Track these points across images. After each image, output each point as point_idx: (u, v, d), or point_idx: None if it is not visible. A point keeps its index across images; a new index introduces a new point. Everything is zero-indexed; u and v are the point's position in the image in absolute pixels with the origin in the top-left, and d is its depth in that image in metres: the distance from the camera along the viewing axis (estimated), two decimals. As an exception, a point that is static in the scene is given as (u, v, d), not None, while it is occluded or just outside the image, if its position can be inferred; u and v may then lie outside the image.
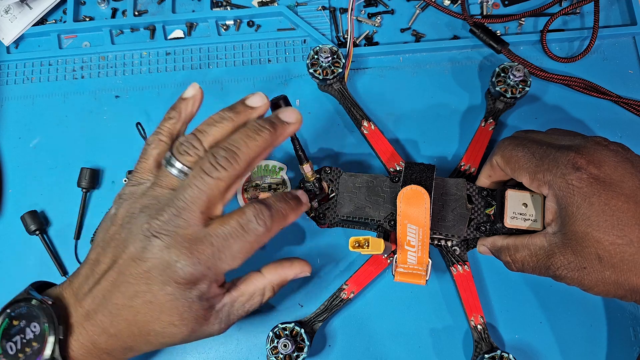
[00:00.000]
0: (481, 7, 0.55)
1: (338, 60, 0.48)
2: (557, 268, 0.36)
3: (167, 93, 0.53)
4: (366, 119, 0.49)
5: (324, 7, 0.55)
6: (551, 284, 0.47)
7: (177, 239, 0.33)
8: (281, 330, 0.43)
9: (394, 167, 0.47)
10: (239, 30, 0.55)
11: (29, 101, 0.54)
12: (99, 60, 0.55)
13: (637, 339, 0.46)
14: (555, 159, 0.37)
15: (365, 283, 0.45)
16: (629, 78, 0.52)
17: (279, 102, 0.39)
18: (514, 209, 0.41)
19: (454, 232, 0.43)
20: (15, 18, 0.54)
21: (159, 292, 0.33)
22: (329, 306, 0.44)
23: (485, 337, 0.43)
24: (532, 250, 0.38)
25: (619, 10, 0.55)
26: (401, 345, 0.46)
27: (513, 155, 0.39)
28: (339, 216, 0.44)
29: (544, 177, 0.37)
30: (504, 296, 0.47)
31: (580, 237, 0.35)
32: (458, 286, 0.45)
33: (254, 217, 0.35)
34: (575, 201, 0.35)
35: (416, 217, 0.40)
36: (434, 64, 0.53)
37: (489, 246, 0.42)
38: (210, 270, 0.34)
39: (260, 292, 0.38)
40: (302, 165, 0.43)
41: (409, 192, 0.40)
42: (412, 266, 0.41)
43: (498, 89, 0.47)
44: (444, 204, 0.43)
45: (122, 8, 0.56)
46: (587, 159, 0.36)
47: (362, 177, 0.44)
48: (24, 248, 0.49)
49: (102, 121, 0.53)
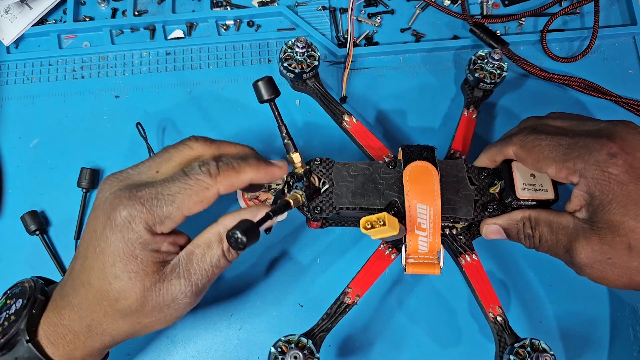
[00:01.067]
0: (481, 7, 0.55)
1: (313, 52, 0.47)
2: (579, 254, 0.35)
3: (167, 93, 0.53)
4: (347, 113, 0.46)
5: (324, 7, 0.55)
6: (551, 283, 0.47)
7: (125, 183, 0.35)
8: (284, 344, 0.38)
9: (383, 160, 0.45)
10: (239, 30, 0.55)
11: (29, 101, 0.54)
12: (99, 60, 0.55)
13: (637, 338, 0.46)
14: (586, 146, 0.35)
15: (370, 284, 0.42)
16: (629, 78, 0.52)
17: (257, 84, 0.37)
18: (523, 180, 0.39)
19: (461, 214, 0.40)
20: (15, 18, 0.54)
21: (102, 238, 0.33)
22: (331, 314, 0.41)
23: (507, 328, 0.40)
24: (553, 227, 0.37)
25: (619, 10, 0.55)
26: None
27: (536, 145, 0.37)
28: (338, 207, 0.40)
29: (574, 166, 0.35)
30: (500, 294, 0.47)
31: (614, 226, 0.34)
32: (470, 277, 0.43)
33: (198, 165, 0.35)
34: (611, 189, 0.34)
35: (425, 195, 0.37)
36: (434, 64, 0.53)
37: (503, 223, 0.40)
38: (144, 208, 0.33)
39: (216, 239, 0.36)
40: (290, 154, 0.38)
41: (415, 169, 0.38)
42: (424, 255, 0.38)
43: (477, 76, 0.47)
44: (447, 186, 0.40)
45: (122, 8, 0.56)
46: (620, 145, 0.34)
47: (356, 166, 0.41)
48: (24, 248, 0.49)
49: (102, 121, 0.53)
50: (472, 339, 0.46)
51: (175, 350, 0.46)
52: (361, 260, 0.47)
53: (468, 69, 0.48)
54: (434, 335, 0.46)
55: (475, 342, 0.46)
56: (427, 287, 0.47)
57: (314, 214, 0.40)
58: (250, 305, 0.47)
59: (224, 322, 0.47)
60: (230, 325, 0.47)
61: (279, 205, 0.35)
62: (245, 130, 0.51)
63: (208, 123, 0.52)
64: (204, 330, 0.47)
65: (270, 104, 0.37)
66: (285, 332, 0.46)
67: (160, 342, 0.47)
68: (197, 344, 0.47)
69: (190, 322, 0.47)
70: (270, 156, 0.50)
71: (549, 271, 0.47)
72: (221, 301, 0.47)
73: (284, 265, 0.48)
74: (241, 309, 0.47)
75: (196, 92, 0.53)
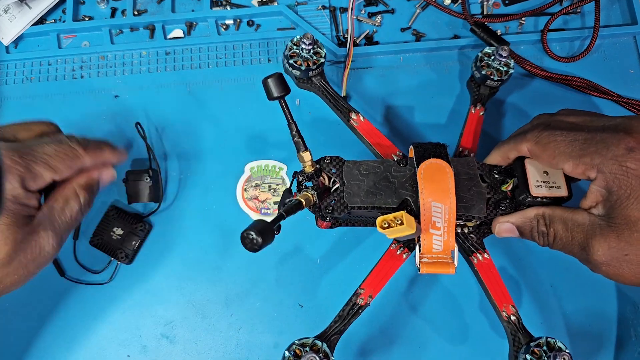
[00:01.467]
0: (482, 7, 0.55)
1: (319, 49, 0.46)
2: (596, 252, 0.35)
3: (166, 93, 0.53)
4: (354, 111, 0.46)
5: (324, 6, 0.55)
6: (551, 283, 0.47)
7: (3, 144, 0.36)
8: (298, 348, 0.38)
9: (391, 158, 0.44)
10: (238, 30, 0.55)
11: (28, 101, 0.54)
12: (98, 60, 0.55)
13: (637, 338, 0.45)
14: (603, 140, 0.35)
15: (382, 284, 0.41)
16: (629, 77, 0.52)
17: (267, 80, 0.37)
18: (537, 177, 0.39)
19: (474, 212, 0.40)
20: (14, 18, 0.54)
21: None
22: (344, 315, 0.40)
23: (521, 327, 0.40)
24: (568, 225, 0.37)
25: (620, 9, 0.55)
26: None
27: (551, 141, 0.37)
28: (350, 206, 0.40)
29: (592, 161, 0.35)
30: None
31: (632, 221, 0.33)
32: (482, 276, 0.42)
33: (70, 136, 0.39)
34: (629, 184, 0.33)
35: (440, 193, 0.37)
36: (435, 63, 0.53)
37: (517, 221, 0.40)
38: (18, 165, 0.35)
39: (73, 194, 0.40)
40: (300, 153, 0.38)
41: (429, 167, 0.37)
42: (438, 254, 0.38)
43: (484, 73, 0.46)
44: (459, 184, 0.40)
45: (121, 8, 0.56)
46: (638, 139, 0.34)
47: (367, 164, 0.41)
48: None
49: (101, 121, 0.53)
50: (484, 338, 0.46)
51: (175, 350, 0.46)
52: (362, 261, 0.47)
53: (475, 66, 0.48)
54: (446, 334, 0.46)
55: (487, 340, 0.46)
56: (439, 287, 0.47)
57: (326, 213, 0.40)
58: (250, 305, 0.47)
59: (224, 322, 0.47)
60: (230, 325, 0.47)
61: (291, 205, 0.35)
62: (244, 129, 0.51)
63: (207, 122, 0.52)
64: (204, 330, 0.47)
65: (280, 102, 0.37)
66: (285, 332, 0.46)
67: (160, 343, 0.47)
68: (197, 344, 0.46)
69: (190, 322, 0.47)
70: (269, 152, 0.50)
71: (555, 270, 0.47)
72: (221, 301, 0.47)
73: (284, 266, 0.48)
74: (241, 309, 0.47)
75: (196, 91, 0.53)
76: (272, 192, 0.49)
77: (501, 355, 0.45)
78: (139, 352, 0.46)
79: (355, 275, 0.47)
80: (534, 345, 0.38)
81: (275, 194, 0.49)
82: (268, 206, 0.49)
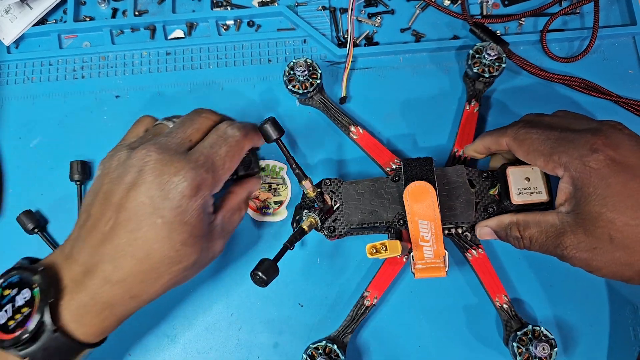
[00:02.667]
0: (481, 7, 0.55)
1: (315, 71, 0.48)
2: (566, 247, 0.37)
3: (167, 93, 0.53)
4: (353, 123, 0.49)
5: (324, 7, 0.55)
6: (551, 283, 0.47)
7: (170, 151, 0.35)
8: (314, 350, 0.43)
9: (390, 167, 0.47)
10: (239, 30, 0.55)
11: (29, 101, 0.54)
12: (99, 60, 0.55)
13: (637, 338, 0.46)
14: (572, 141, 0.37)
15: (386, 286, 0.45)
16: (628, 78, 0.52)
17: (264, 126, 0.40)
18: (518, 184, 0.41)
19: (463, 218, 0.43)
20: (15, 18, 0.54)
21: (166, 207, 0.34)
22: (354, 316, 0.44)
23: (513, 315, 0.44)
24: (542, 227, 0.38)
25: (619, 10, 0.55)
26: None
27: (527, 138, 0.39)
28: (349, 225, 0.44)
29: (559, 159, 0.37)
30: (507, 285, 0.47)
31: (594, 217, 0.35)
32: (476, 270, 0.45)
33: (227, 126, 0.40)
34: (592, 182, 0.35)
35: (425, 212, 0.40)
36: (434, 64, 0.53)
37: (494, 226, 0.42)
38: (209, 175, 0.36)
39: (238, 207, 0.43)
40: (302, 183, 0.43)
41: (414, 190, 0.41)
42: (430, 260, 0.41)
43: (476, 70, 0.48)
44: (448, 193, 0.43)
45: (122, 8, 0.56)
46: (604, 141, 0.36)
47: (363, 183, 0.45)
48: (25, 247, 0.49)
49: (102, 121, 0.53)
50: (484, 337, 0.46)
51: (176, 350, 0.47)
52: (362, 260, 0.47)
53: (466, 63, 0.49)
54: (446, 333, 0.46)
55: (487, 340, 0.46)
56: (439, 287, 0.47)
57: (329, 232, 0.44)
58: (250, 305, 0.47)
59: (224, 322, 0.47)
60: (230, 325, 0.47)
61: (295, 234, 0.41)
62: (246, 130, 0.51)
63: (208, 123, 0.52)
64: (204, 330, 0.47)
65: (278, 142, 0.41)
66: (285, 332, 0.46)
67: (161, 342, 0.47)
68: (197, 344, 0.47)
69: (190, 322, 0.47)
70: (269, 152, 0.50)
71: (555, 270, 0.47)
72: (221, 301, 0.47)
73: (284, 265, 0.48)
74: (241, 309, 0.47)
75: (196, 92, 0.53)
76: (273, 191, 0.49)
77: (501, 355, 0.45)
78: (139, 351, 0.47)
79: (355, 275, 0.48)
80: (521, 334, 0.42)
81: (276, 193, 0.49)
82: (268, 206, 0.49)
